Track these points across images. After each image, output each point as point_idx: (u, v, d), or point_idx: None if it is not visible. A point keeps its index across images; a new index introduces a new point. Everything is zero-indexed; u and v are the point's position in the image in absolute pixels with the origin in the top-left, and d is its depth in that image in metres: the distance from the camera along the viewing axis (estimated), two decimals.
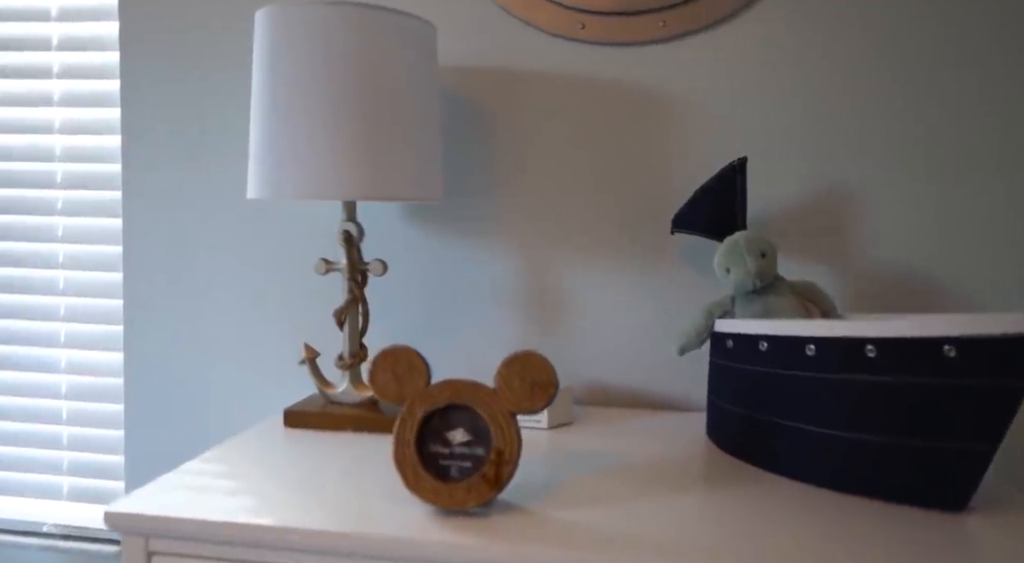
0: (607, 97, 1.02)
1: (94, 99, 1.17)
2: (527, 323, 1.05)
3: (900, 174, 0.96)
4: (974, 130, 0.94)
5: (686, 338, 0.88)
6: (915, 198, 0.96)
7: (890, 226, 0.97)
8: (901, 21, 0.95)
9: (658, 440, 0.87)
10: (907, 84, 0.95)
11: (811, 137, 0.98)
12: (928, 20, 0.94)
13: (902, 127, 0.96)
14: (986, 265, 0.95)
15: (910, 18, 0.95)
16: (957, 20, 0.94)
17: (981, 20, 0.93)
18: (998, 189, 0.94)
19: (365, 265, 0.91)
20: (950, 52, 0.94)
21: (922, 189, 0.96)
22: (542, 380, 0.65)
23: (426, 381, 0.67)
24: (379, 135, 0.82)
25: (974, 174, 0.95)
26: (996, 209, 0.94)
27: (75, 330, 1.20)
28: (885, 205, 0.97)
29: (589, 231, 1.03)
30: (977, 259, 0.95)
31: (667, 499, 0.69)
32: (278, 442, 0.84)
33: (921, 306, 0.96)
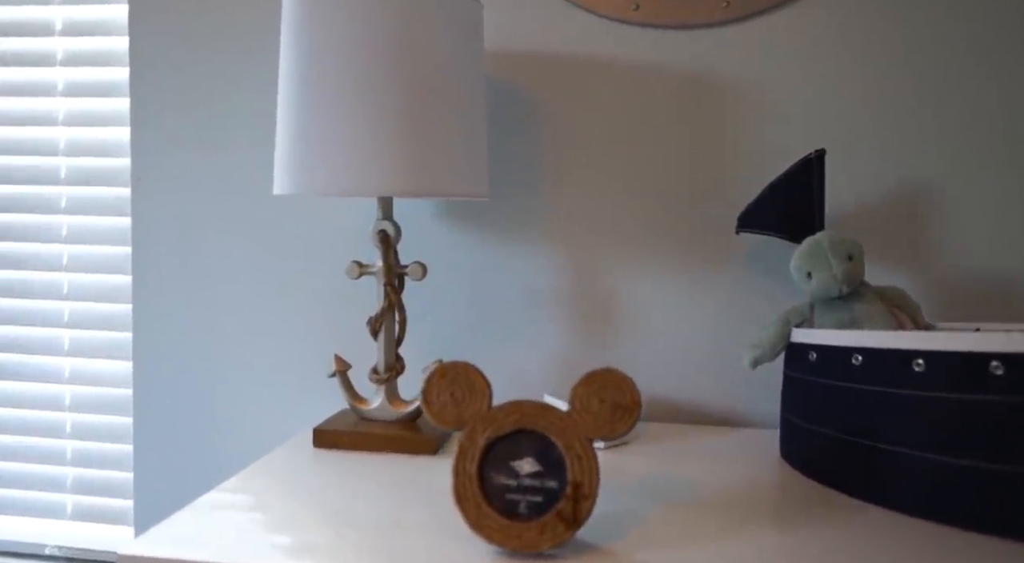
0: (663, 85, 0.93)
1: (100, 88, 1.08)
2: (575, 333, 0.97)
3: (984, 170, 0.88)
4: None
5: (760, 350, 0.80)
6: (1001, 195, 0.88)
7: (974, 226, 0.88)
8: (985, 4, 0.87)
9: (728, 462, 0.79)
10: (992, 72, 0.87)
11: (887, 130, 0.89)
12: (1013, 1, 0.86)
13: (987, 119, 0.88)
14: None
15: (994, 1, 0.87)
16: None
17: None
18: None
19: (403, 268, 0.83)
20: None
21: (1008, 186, 0.87)
22: (625, 402, 0.57)
23: (488, 403, 0.58)
24: (422, 126, 0.74)
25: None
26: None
27: (80, 337, 1.12)
28: (968, 203, 0.88)
29: (644, 231, 0.95)
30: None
31: (760, 536, 0.60)
32: (308, 466, 0.76)
33: (1016, 314, 0.88)
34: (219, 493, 0.68)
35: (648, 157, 0.94)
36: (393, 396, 0.84)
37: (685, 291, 0.94)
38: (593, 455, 0.56)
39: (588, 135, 0.95)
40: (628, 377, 0.57)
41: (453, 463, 0.57)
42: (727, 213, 0.93)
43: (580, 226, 0.96)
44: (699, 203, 0.94)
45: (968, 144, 0.88)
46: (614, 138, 0.95)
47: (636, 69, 0.93)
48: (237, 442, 1.05)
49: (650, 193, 0.94)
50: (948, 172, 0.89)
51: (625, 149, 0.95)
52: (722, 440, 0.87)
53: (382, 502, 0.66)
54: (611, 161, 0.95)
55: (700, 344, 0.94)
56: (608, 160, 0.95)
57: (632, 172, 0.95)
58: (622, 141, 0.95)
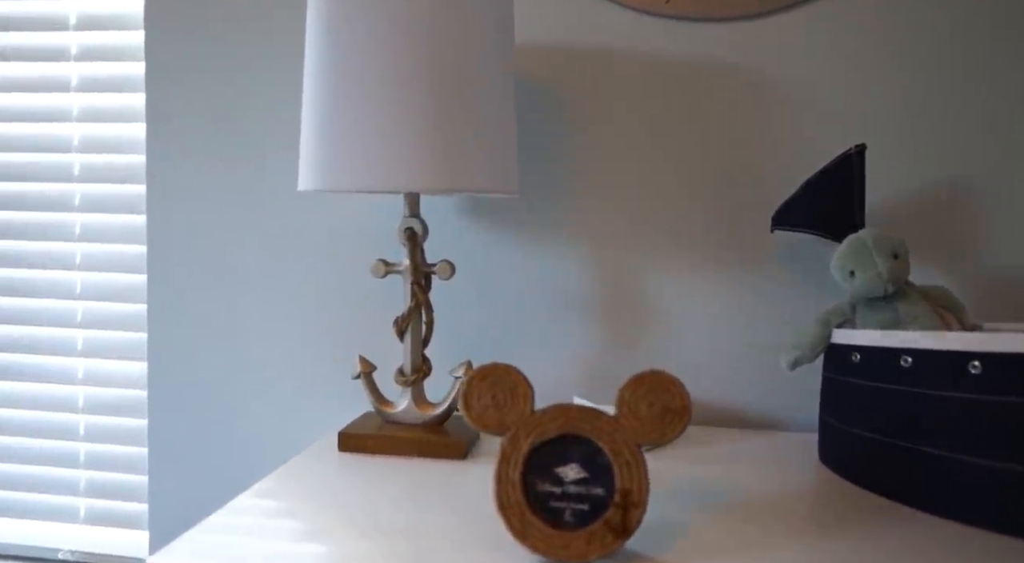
0: (696, 80, 0.91)
1: (116, 84, 1.06)
2: (604, 334, 0.94)
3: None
4: None
5: (799, 351, 0.77)
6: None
7: (1019, 223, 0.86)
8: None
9: (766, 466, 0.77)
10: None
11: (928, 124, 0.87)
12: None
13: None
14: None
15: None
16: None
17: None
18: None
19: (430, 267, 0.81)
20: None
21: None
22: (675, 406, 0.55)
23: (531, 406, 0.56)
24: (452, 120, 0.72)
25: None
26: None
27: (94, 337, 1.10)
28: (1012, 200, 0.86)
29: (675, 230, 0.92)
30: None
31: (809, 544, 0.58)
32: (335, 470, 0.74)
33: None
34: (247, 498, 0.66)
35: (680, 154, 0.92)
36: (420, 398, 0.82)
37: (718, 291, 0.92)
38: (643, 461, 0.54)
39: (618, 131, 0.93)
40: (677, 379, 0.55)
41: (495, 469, 0.55)
42: (761, 211, 0.91)
43: (609, 224, 0.94)
44: (732, 201, 0.91)
45: (1013, 139, 0.86)
46: (644, 134, 0.92)
47: (668, 63, 0.91)
48: (255, 445, 1.03)
49: (682, 190, 0.92)
50: (992, 168, 0.86)
51: (656, 145, 0.92)
52: (758, 443, 0.84)
53: (415, 509, 0.64)
54: (641, 158, 0.93)
55: (733, 345, 0.92)
56: (638, 157, 0.93)
57: (663, 169, 0.92)
58: (652, 137, 0.92)
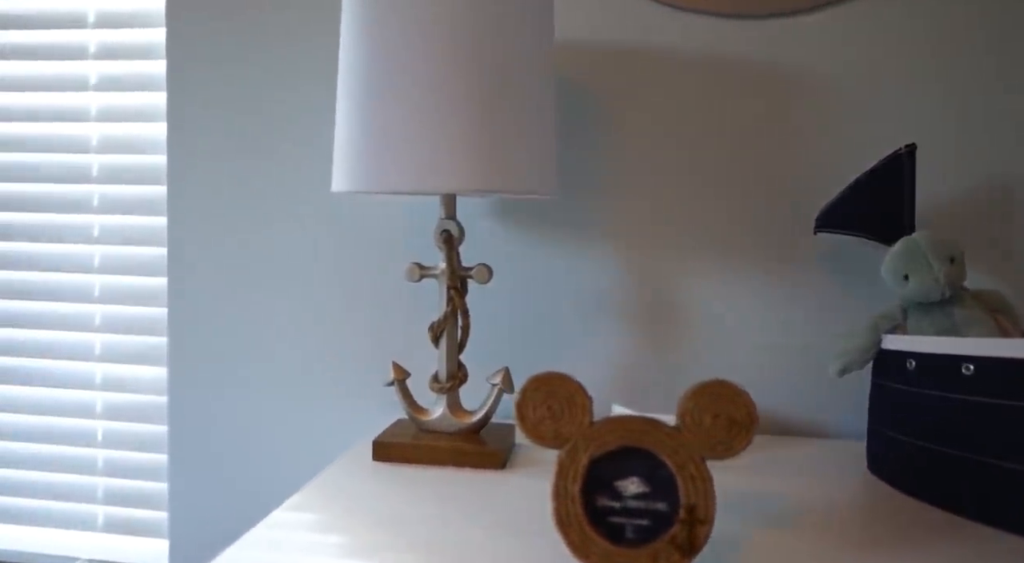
0: (736, 77, 0.89)
1: (135, 82, 1.04)
2: (641, 339, 0.92)
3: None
4: None
5: (847, 357, 0.75)
6: None
7: None
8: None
9: (815, 476, 0.74)
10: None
11: (978, 123, 0.85)
12: None
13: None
14: None
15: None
16: None
17: None
18: None
19: (467, 271, 0.78)
20: None
21: None
22: (740, 417, 0.52)
23: (590, 417, 0.54)
24: (494, 120, 0.69)
25: None
26: None
27: (113, 341, 1.07)
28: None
29: (714, 232, 0.90)
30: None
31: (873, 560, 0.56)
32: (371, 481, 0.71)
33: None
34: (284, 512, 0.63)
35: (719, 153, 0.90)
36: (455, 406, 0.79)
37: (757, 295, 0.90)
38: (708, 476, 0.51)
39: (654, 130, 0.90)
40: (743, 390, 0.53)
41: (553, 483, 0.52)
42: (803, 213, 0.88)
43: (646, 226, 0.91)
44: (773, 202, 0.89)
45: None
46: (681, 133, 0.90)
47: (707, 61, 0.89)
48: (278, 453, 1.01)
49: (721, 192, 0.90)
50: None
51: (694, 145, 0.90)
52: (804, 452, 0.82)
53: (460, 523, 0.62)
54: (679, 158, 0.90)
55: (771, 351, 0.90)
56: (676, 156, 0.90)
57: (701, 169, 0.90)
58: (690, 137, 0.90)
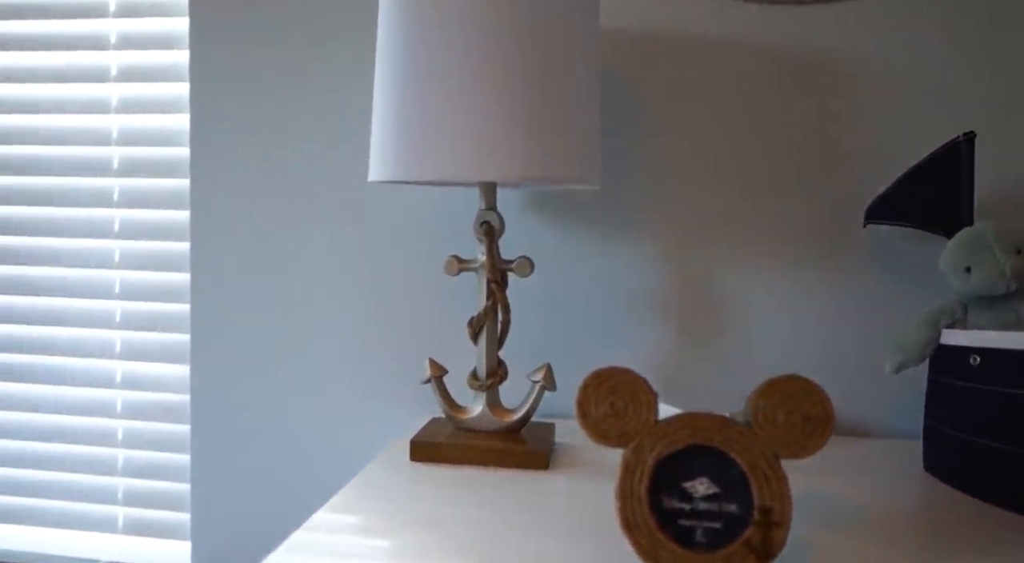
0: (782, 66, 0.86)
1: (157, 73, 1.01)
2: (681, 336, 0.89)
3: None
4: None
5: (904, 354, 0.72)
6: None
7: None
8: None
9: (871, 476, 0.72)
10: None
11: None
12: None
13: None
14: None
15: None
16: None
17: None
18: None
19: (508, 264, 0.76)
20: None
21: None
22: (816, 414, 0.50)
23: (655, 415, 0.51)
24: (538, 105, 0.67)
25: None
26: None
27: (133, 339, 1.05)
28: None
29: (757, 224, 0.87)
30: None
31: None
32: (410, 482, 0.68)
33: None
34: (325, 514, 0.61)
35: (764, 144, 0.87)
36: (495, 404, 0.77)
37: (804, 290, 0.87)
38: (783, 476, 0.49)
39: (696, 121, 0.88)
40: (817, 385, 0.50)
41: (618, 484, 0.50)
42: (852, 205, 0.86)
43: (687, 219, 0.89)
44: (821, 194, 0.86)
45: None
46: (725, 123, 0.87)
47: (751, 49, 0.86)
48: (307, 453, 0.98)
49: (766, 183, 0.87)
50: None
51: (738, 135, 0.87)
52: (855, 452, 0.79)
53: (506, 526, 0.59)
54: (722, 148, 0.88)
55: (820, 349, 0.87)
56: (719, 147, 0.88)
57: (746, 160, 0.87)
58: (734, 127, 0.87)
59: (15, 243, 1.06)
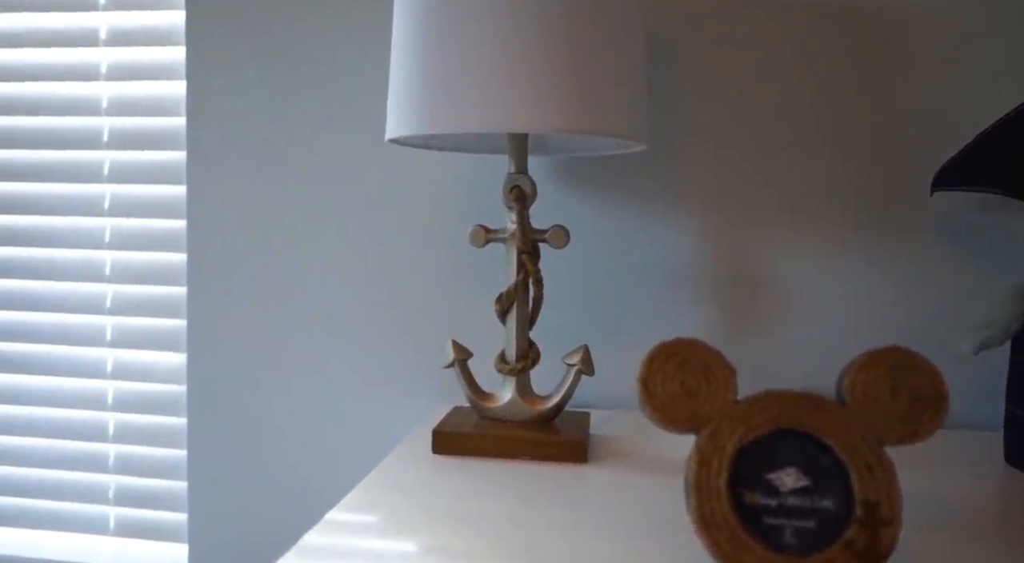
0: (837, 20, 0.78)
1: (151, 36, 0.94)
2: (727, 317, 0.81)
3: None
4: None
5: (989, 331, 0.64)
6: None
7: None
8: None
9: (948, 469, 0.64)
10: None
11: None
12: None
13: None
14: None
15: None
16: None
17: None
18: None
19: (540, 234, 0.68)
20: None
21: None
22: (928, 393, 0.42)
23: (734, 394, 0.43)
24: (580, 48, 0.59)
25: None
26: None
27: (125, 324, 0.97)
28: None
29: (809, 194, 0.80)
30: None
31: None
32: (435, 476, 0.61)
33: None
34: (341, 513, 0.53)
35: (818, 104, 0.79)
36: (526, 391, 0.69)
37: (862, 265, 0.79)
38: (890, 464, 0.41)
39: (743, 78, 0.80)
40: (926, 359, 0.42)
41: (692, 476, 0.42)
42: (916, 172, 0.78)
43: (732, 188, 0.81)
44: (880, 159, 0.78)
45: None
46: (775, 81, 0.80)
47: (808, 3, 0.78)
48: (314, 447, 0.90)
49: (818, 147, 0.79)
50: None
51: (789, 94, 0.79)
52: (928, 445, 0.71)
53: (545, 524, 0.51)
54: (770, 109, 0.80)
55: (880, 329, 0.79)
56: (767, 108, 0.80)
57: (796, 123, 0.79)
58: (785, 84, 0.79)
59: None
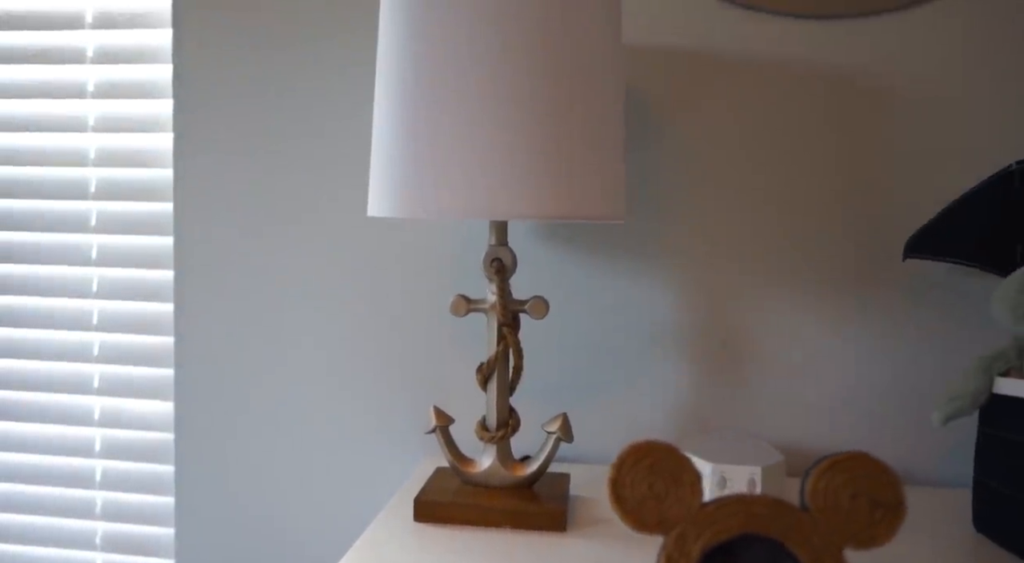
0: (813, 84, 0.80)
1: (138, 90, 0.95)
2: (705, 376, 0.83)
3: None
4: None
5: (957, 403, 0.66)
6: None
7: None
8: None
9: (916, 534, 0.66)
10: None
11: None
12: None
13: None
14: None
15: None
16: None
17: None
18: None
19: (520, 305, 0.69)
20: None
21: None
22: (887, 499, 0.43)
23: (700, 498, 0.45)
24: (555, 135, 0.60)
25: None
26: None
27: (113, 372, 0.98)
28: None
29: (787, 258, 0.81)
30: None
31: None
32: (417, 548, 0.62)
33: None
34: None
35: (793, 170, 0.81)
36: (506, 457, 0.70)
37: (836, 328, 0.81)
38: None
39: (721, 144, 0.82)
40: (887, 465, 0.44)
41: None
42: (889, 236, 0.80)
43: (711, 251, 0.82)
44: (855, 225, 0.80)
45: None
46: (752, 147, 0.81)
47: (781, 66, 0.80)
48: (300, 502, 0.91)
49: (795, 212, 0.81)
50: None
51: (765, 160, 0.81)
52: None
53: None
54: (748, 174, 0.82)
55: (854, 390, 0.81)
56: (744, 173, 0.82)
57: (773, 187, 0.81)
58: (762, 151, 0.81)
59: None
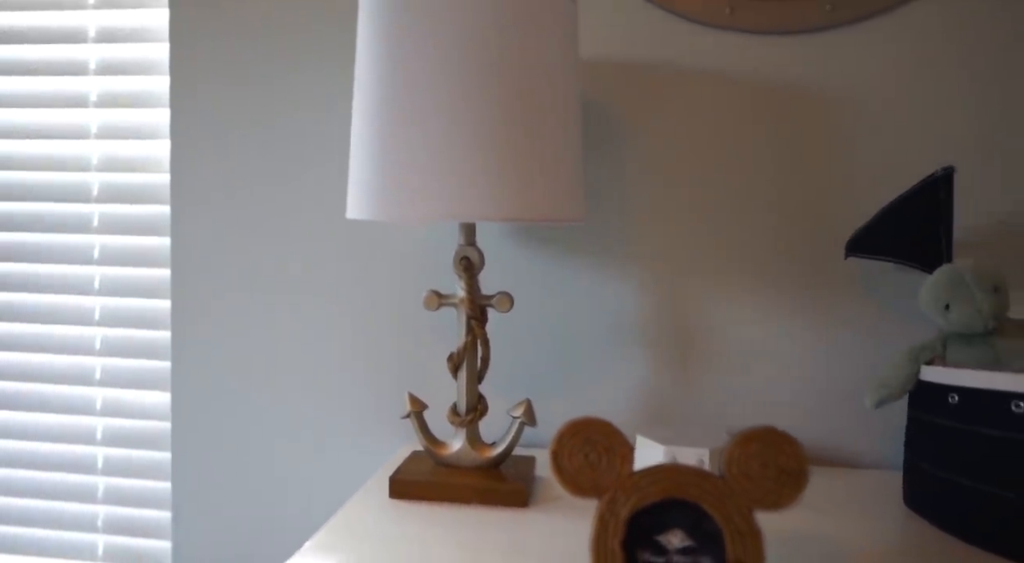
0: (762, 96, 0.86)
1: (137, 99, 1.01)
2: (666, 367, 0.89)
3: None
4: None
5: (887, 389, 0.72)
6: None
7: None
8: None
9: (850, 510, 0.71)
10: None
11: (1015, 143, 0.82)
12: None
13: None
14: None
15: None
16: None
17: None
18: None
19: (487, 299, 0.75)
20: None
21: None
22: (791, 467, 0.49)
23: (630, 467, 0.51)
24: (520, 141, 0.66)
25: None
26: None
27: (114, 365, 1.04)
28: None
29: (741, 255, 0.87)
30: None
31: None
32: (391, 521, 0.68)
33: None
34: (304, 558, 0.60)
35: (746, 174, 0.87)
36: (475, 440, 0.76)
37: (787, 321, 0.87)
38: (758, 530, 0.48)
39: (678, 150, 0.88)
40: (792, 437, 0.50)
41: (592, 538, 0.49)
42: (836, 236, 0.86)
43: (671, 249, 0.88)
44: (803, 225, 0.86)
45: None
46: (707, 153, 0.87)
47: (731, 78, 0.86)
48: (289, 484, 0.97)
49: (748, 213, 0.87)
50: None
51: (720, 165, 0.87)
52: (837, 484, 0.79)
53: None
54: (704, 178, 0.87)
55: (803, 379, 0.87)
56: (701, 177, 0.87)
57: (728, 190, 0.87)
58: (716, 156, 0.87)
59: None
